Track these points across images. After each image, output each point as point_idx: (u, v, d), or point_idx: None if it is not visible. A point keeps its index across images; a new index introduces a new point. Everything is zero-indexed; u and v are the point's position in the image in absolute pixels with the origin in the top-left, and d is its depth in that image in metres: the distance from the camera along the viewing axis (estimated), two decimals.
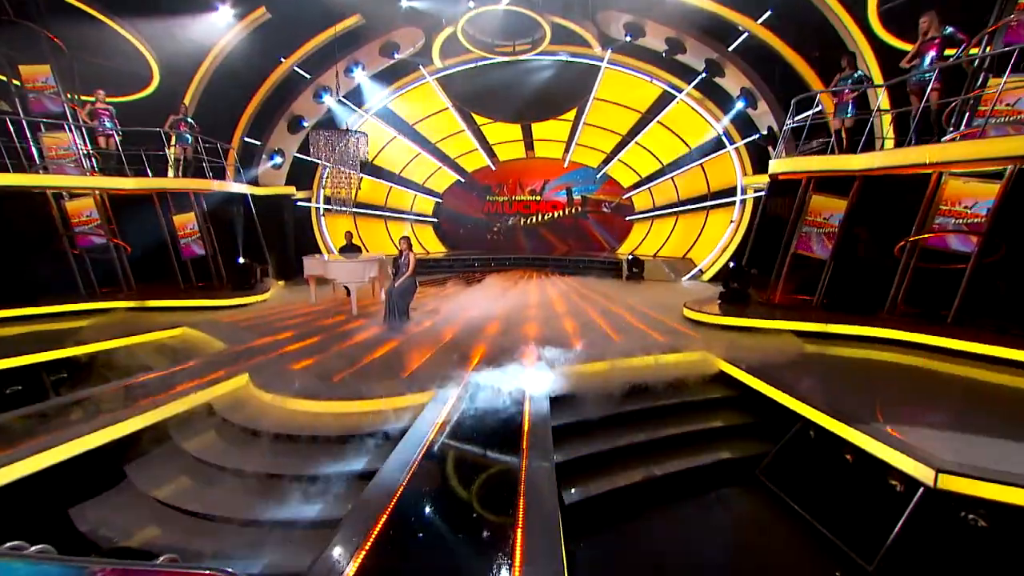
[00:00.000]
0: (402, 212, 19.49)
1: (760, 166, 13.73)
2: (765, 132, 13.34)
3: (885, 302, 8.33)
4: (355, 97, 16.16)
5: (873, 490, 4.23)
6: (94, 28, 11.67)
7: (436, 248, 20.01)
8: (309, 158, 16.28)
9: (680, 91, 15.11)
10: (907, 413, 4.99)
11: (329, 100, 15.62)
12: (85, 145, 11.16)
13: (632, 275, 14.90)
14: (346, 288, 10.88)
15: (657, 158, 17.49)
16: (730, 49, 12.97)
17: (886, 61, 9.99)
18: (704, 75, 13.93)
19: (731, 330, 8.42)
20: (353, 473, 4.48)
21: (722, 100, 14.41)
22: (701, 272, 15.34)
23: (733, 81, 13.44)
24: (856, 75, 9.07)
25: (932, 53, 7.88)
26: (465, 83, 16.58)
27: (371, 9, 14.12)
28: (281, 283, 13.34)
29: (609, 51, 15.10)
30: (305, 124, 15.53)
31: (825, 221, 9.32)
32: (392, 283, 9.78)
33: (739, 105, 13.54)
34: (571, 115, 17.51)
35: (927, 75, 7.78)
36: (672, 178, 17.27)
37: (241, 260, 12.32)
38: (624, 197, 18.92)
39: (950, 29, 7.71)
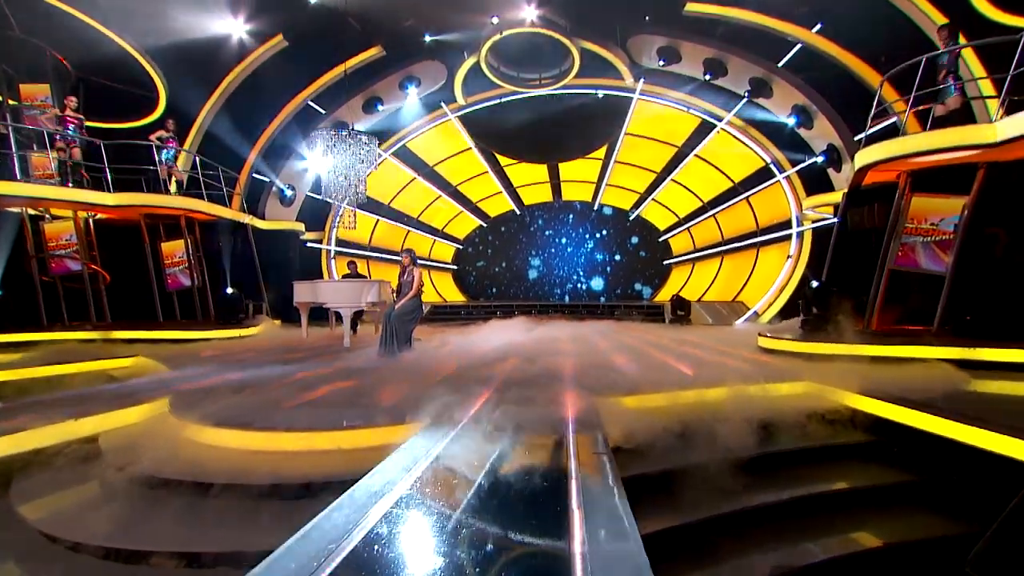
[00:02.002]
0: (420, 258, 18.00)
1: (817, 193, 11.84)
2: (822, 155, 11.57)
3: None
4: (372, 134, 15.13)
5: None
6: (104, 48, 10.96)
7: (456, 297, 18.28)
8: (322, 197, 15.20)
9: (720, 119, 13.66)
10: None
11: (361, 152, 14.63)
12: (69, 162, 10.05)
13: (677, 318, 12.78)
14: (350, 320, 9.08)
15: (696, 195, 15.82)
16: (780, 64, 11.53)
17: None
18: (747, 97, 12.47)
19: (830, 360, 6.22)
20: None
21: (769, 125, 12.83)
22: (757, 315, 13.11)
23: (783, 100, 11.91)
24: (956, 47, 7.31)
25: None
26: (488, 121, 15.52)
27: (392, 41, 13.38)
28: (277, 322, 11.66)
29: (641, 81, 13.90)
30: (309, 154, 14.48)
31: (934, 227, 7.26)
32: (392, 305, 8.00)
33: (790, 123, 11.89)
34: (601, 153, 16.18)
35: None
36: (714, 216, 15.48)
37: (229, 291, 10.73)
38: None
39: None
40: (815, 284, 7.97)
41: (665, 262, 17.11)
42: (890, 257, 7.52)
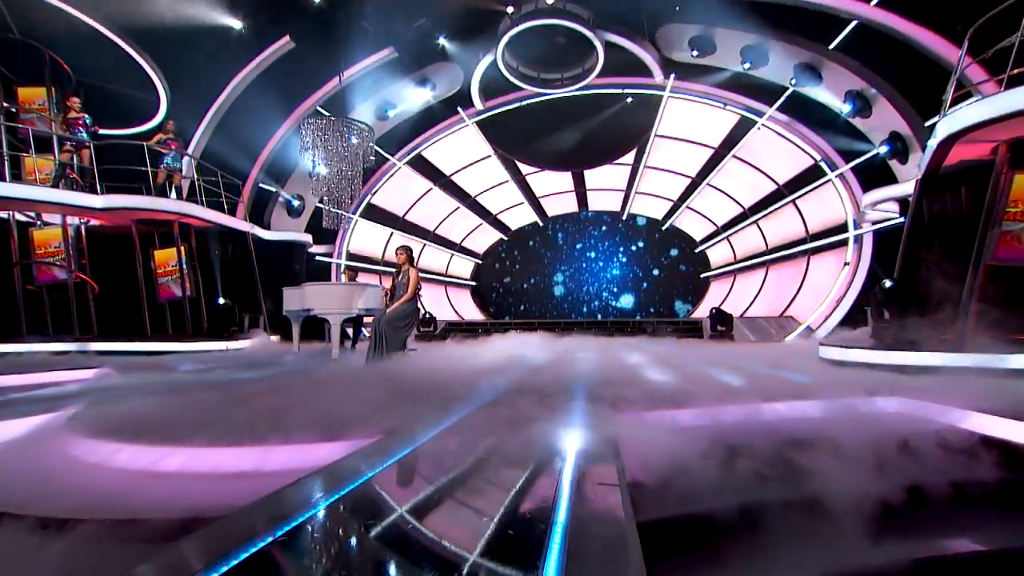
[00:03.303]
0: (437, 274, 17.21)
1: (877, 189, 10.48)
2: (884, 146, 10.26)
3: None
4: (385, 142, 14.64)
5: None
6: (105, 51, 10.71)
7: (475, 316, 17.30)
8: (335, 209, 14.65)
9: (761, 114, 12.53)
10: None
11: (354, 142, 14.12)
12: (71, 171, 9.67)
13: (718, 333, 11.45)
14: (344, 333, 8.22)
15: (736, 201, 14.57)
16: (831, 47, 10.39)
17: None
18: (793, 87, 11.32)
19: (923, 371, 4.95)
20: None
21: (818, 117, 11.61)
22: (810, 330, 11.66)
23: (835, 86, 10.71)
24: None
25: None
26: (508, 126, 14.83)
27: (406, 42, 12.87)
28: (276, 337, 10.91)
29: (672, 76, 12.96)
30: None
31: None
32: (383, 310, 7.11)
33: (844, 111, 10.65)
34: (629, 158, 15.19)
35: None
36: (757, 223, 14.17)
37: (221, 301, 10.05)
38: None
39: None
40: (888, 284, 6.67)
41: (703, 275, 15.79)
42: (987, 250, 6.18)
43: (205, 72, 11.51)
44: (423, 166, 15.55)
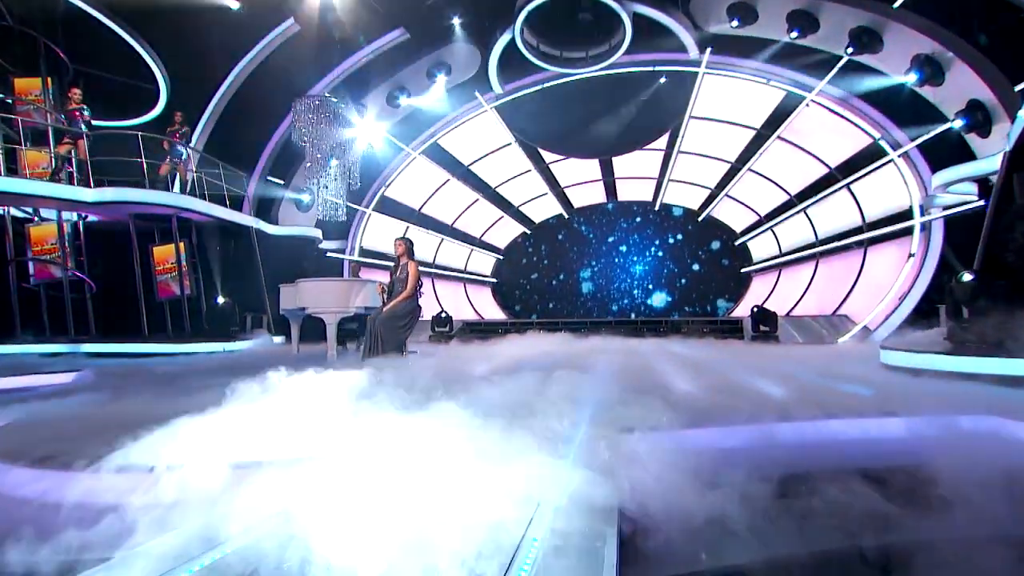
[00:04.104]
0: (455, 270, 16.65)
1: (950, 168, 9.31)
2: (960, 119, 9.08)
3: None
4: (399, 130, 14.16)
5: None
6: (103, 39, 10.53)
7: (496, 315, 16.67)
8: (347, 204, 14.28)
9: (811, 89, 11.45)
10: None
11: (366, 134, 13.68)
12: (69, 165, 9.49)
13: (760, 334, 10.48)
14: (351, 333, 7.71)
15: (781, 187, 13.47)
16: (896, 5, 9.28)
17: None
18: (849, 55, 10.21)
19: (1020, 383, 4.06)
20: None
21: (878, 89, 10.47)
22: (868, 331, 10.57)
23: (899, 52, 9.56)
24: None
25: None
26: (529, 111, 14.12)
27: (417, 22, 12.33)
28: (280, 338, 10.54)
29: (708, 50, 12.00)
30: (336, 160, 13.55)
31: None
32: (379, 308, 6.59)
33: (910, 81, 9.51)
34: (662, 142, 14.27)
35: None
36: (805, 211, 13.05)
37: (220, 300, 9.72)
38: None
39: None
40: (969, 277, 5.69)
41: (743, 270, 14.73)
42: None
43: (207, 59, 11.24)
44: (439, 156, 14.99)
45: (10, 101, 9.80)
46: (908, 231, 10.70)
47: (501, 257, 17.06)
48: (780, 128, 12.48)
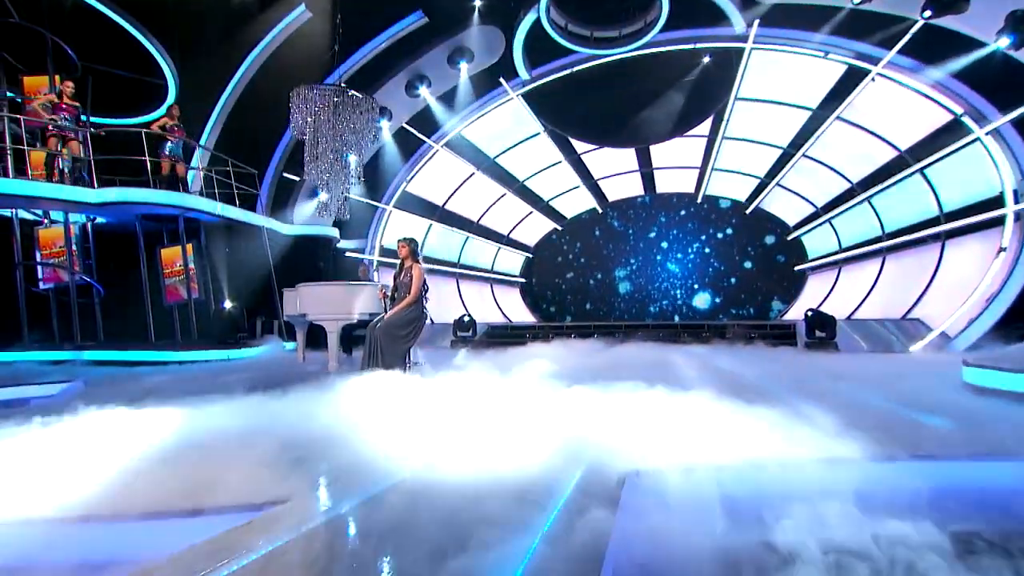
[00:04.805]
0: (481, 270, 16.04)
1: None
2: None
3: None
4: (419, 122, 13.64)
5: None
6: (110, 34, 10.38)
7: (525, 318, 15.98)
8: (362, 199, 13.89)
9: (877, 60, 10.25)
10: None
11: (386, 127, 13.24)
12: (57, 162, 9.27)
13: (816, 341, 9.43)
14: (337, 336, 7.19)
15: (841, 175, 12.26)
16: None
17: None
18: (926, 18, 8.99)
19: None
20: None
21: (960, 56, 9.22)
22: (947, 337, 9.36)
23: (987, 10, 8.31)
24: None
25: None
26: (559, 97, 13.34)
27: (436, 5, 11.73)
28: (289, 344, 10.17)
29: (756, 22, 10.94)
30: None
31: None
32: (381, 316, 6.09)
33: (1002, 45, 8.26)
34: (704, 128, 13.24)
35: None
36: (869, 200, 11.81)
37: (227, 305, 9.40)
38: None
39: None
40: None
41: (797, 268, 13.54)
42: None
43: (216, 52, 10.97)
44: (463, 148, 14.40)
45: (20, 100, 9.72)
46: (998, 221, 9.41)
47: (531, 255, 16.37)
48: (840, 107, 11.29)
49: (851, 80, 10.89)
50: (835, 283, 12.53)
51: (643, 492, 2.17)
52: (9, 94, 9.64)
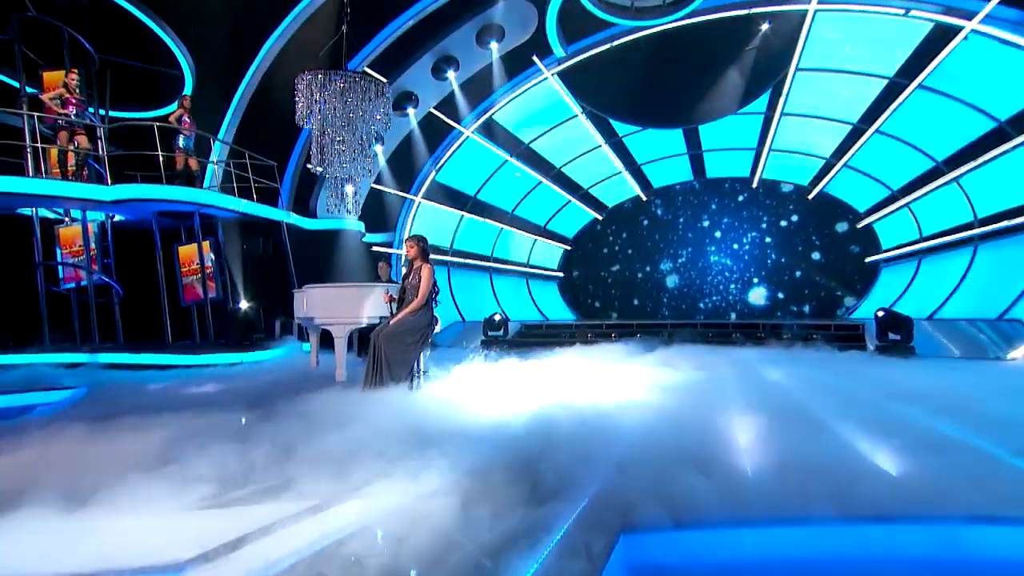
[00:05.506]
0: (515, 264, 15.40)
1: None
2: None
3: None
4: (448, 107, 13.08)
5: None
6: (127, 24, 10.27)
7: (563, 315, 15.27)
8: (388, 190, 13.52)
9: (971, 15, 8.92)
10: None
11: (412, 113, 12.77)
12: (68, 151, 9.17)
13: (888, 345, 8.32)
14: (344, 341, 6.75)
15: (923, 152, 10.91)
16: None
17: None
18: None
19: None
20: None
21: None
22: None
23: None
24: None
25: None
26: (597, 75, 12.48)
27: None
28: (308, 346, 9.89)
29: None
30: (378, 147, 12.68)
31: None
32: (386, 321, 5.61)
33: None
34: (761, 104, 12.10)
35: None
36: (957, 181, 10.45)
37: (243, 305, 9.16)
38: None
39: None
40: None
41: (868, 260, 12.24)
42: None
43: (232, 38, 10.74)
44: (495, 133, 13.76)
45: (40, 96, 9.73)
46: None
47: (569, 248, 15.61)
48: (923, 73, 9.96)
49: (937, 41, 9.56)
50: (914, 276, 11.23)
51: None
52: (31, 90, 9.66)
